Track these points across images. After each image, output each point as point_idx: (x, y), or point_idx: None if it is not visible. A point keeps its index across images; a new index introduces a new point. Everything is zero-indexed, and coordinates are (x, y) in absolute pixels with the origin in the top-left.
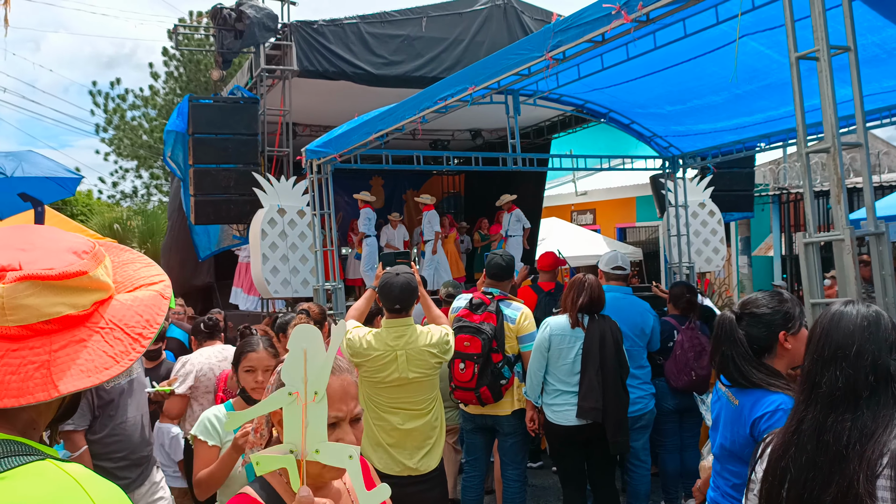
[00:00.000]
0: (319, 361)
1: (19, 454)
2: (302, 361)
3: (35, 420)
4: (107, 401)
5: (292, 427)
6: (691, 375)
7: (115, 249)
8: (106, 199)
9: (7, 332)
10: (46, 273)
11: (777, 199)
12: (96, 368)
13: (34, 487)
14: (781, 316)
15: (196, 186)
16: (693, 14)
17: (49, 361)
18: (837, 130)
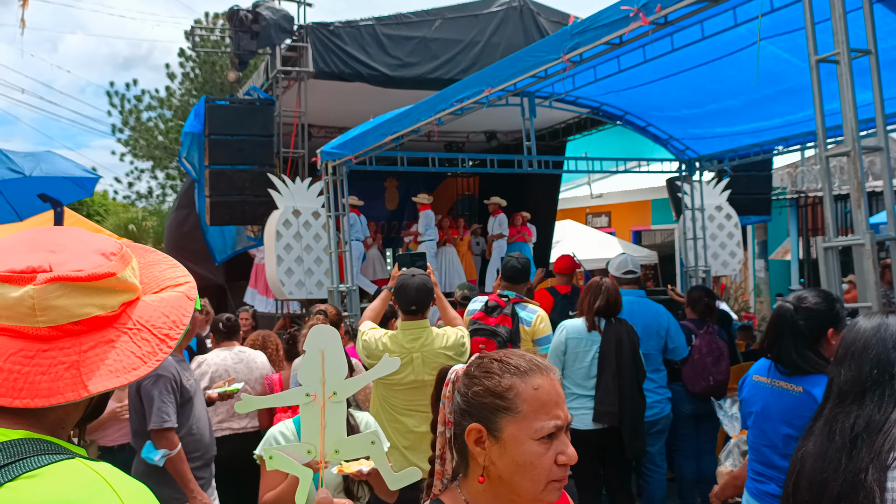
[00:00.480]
0: (337, 362)
1: (48, 453)
2: (319, 362)
3: (63, 419)
4: (187, 399)
5: (310, 428)
6: (709, 380)
7: (141, 250)
8: (121, 200)
9: (37, 332)
10: (76, 275)
11: (794, 203)
12: (125, 369)
13: (63, 485)
14: (833, 314)
15: (211, 187)
16: (711, 16)
17: (79, 362)
18: (858, 134)
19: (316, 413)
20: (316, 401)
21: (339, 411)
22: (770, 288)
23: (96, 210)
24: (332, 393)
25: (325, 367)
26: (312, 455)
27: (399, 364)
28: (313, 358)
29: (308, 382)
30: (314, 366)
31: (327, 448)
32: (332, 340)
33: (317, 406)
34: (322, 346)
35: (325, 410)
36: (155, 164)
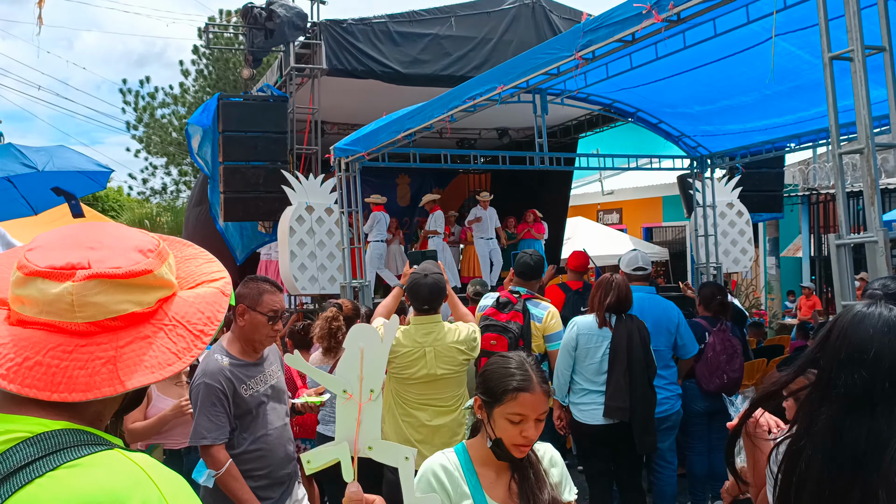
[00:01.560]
0: (376, 360)
1: (88, 444)
2: (358, 360)
3: (101, 412)
4: (245, 411)
5: (346, 424)
6: (723, 378)
7: (178, 244)
8: (136, 196)
9: (76, 328)
10: (114, 272)
11: (806, 200)
12: (160, 365)
13: (104, 475)
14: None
15: (225, 184)
16: (724, 13)
17: (115, 357)
18: (871, 131)
19: (353, 409)
20: (353, 399)
21: (375, 409)
22: (781, 285)
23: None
24: (370, 391)
25: (364, 365)
26: (346, 450)
27: (397, 323)
28: (353, 356)
29: (346, 380)
30: (353, 364)
31: (361, 444)
32: (372, 340)
33: (354, 403)
34: (362, 344)
35: (363, 408)
36: (169, 161)
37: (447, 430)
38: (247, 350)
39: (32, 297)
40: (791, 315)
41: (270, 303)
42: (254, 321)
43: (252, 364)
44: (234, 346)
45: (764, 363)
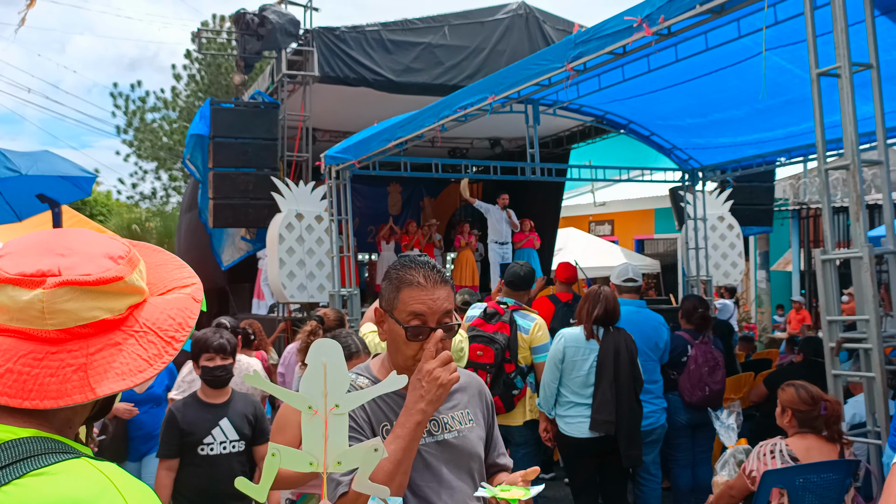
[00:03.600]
0: (339, 375)
1: (56, 451)
2: (322, 375)
3: (71, 419)
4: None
5: (313, 440)
6: (705, 390)
7: (148, 251)
8: (125, 200)
9: (47, 335)
10: (84, 279)
11: (797, 214)
12: (131, 371)
13: (70, 484)
14: None
15: (215, 190)
16: (715, 28)
17: (86, 364)
18: (857, 148)
19: (319, 426)
20: (318, 415)
21: (341, 423)
22: (771, 299)
23: (99, 210)
24: (335, 405)
25: (328, 380)
26: (315, 467)
27: (406, 381)
28: (315, 371)
29: (310, 396)
30: (316, 379)
31: (330, 460)
32: (334, 354)
33: (320, 419)
34: (324, 359)
35: (328, 423)
36: (159, 165)
37: None
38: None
39: (3, 305)
40: (781, 329)
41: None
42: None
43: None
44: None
45: (751, 377)
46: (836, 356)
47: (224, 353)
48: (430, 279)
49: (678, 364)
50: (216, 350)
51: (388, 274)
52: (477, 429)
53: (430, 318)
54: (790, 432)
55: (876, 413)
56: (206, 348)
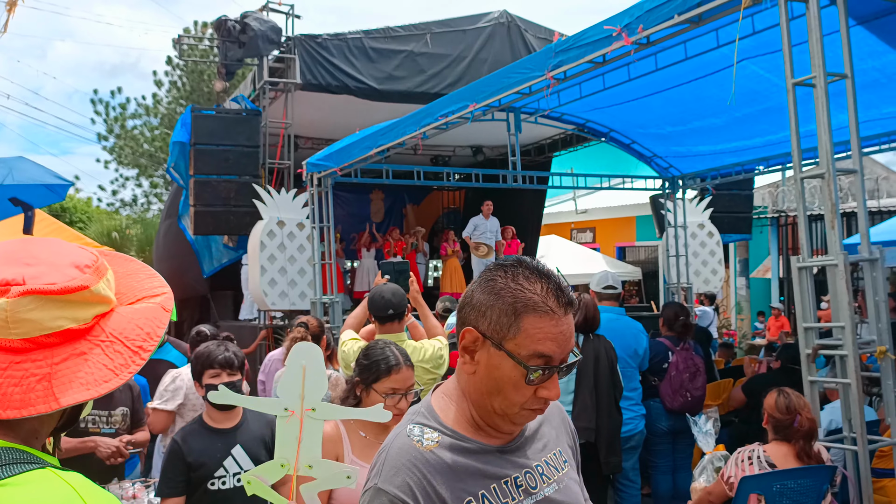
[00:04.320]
0: (318, 378)
1: (21, 462)
2: (300, 377)
3: (37, 429)
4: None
5: (286, 441)
6: (686, 397)
7: (119, 260)
8: (105, 207)
9: (10, 344)
10: (48, 288)
11: (775, 222)
12: (96, 381)
13: (34, 494)
14: None
15: (196, 197)
16: (694, 37)
17: (50, 374)
18: (832, 157)
19: (294, 427)
20: (294, 416)
21: (315, 427)
22: (751, 306)
23: (79, 217)
24: (311, 408)
25: (306, 383)
26: (286, 469)
27: (391, 418)
28: (294, 373)
29: (287, 397)
30: (295, 381)
31: (301, 462)
32: (314, 357)
33: (295, 420)
34: (304, 362)
35: (304, 426)
36: (140, 172)
37: None
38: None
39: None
40: (760, 335)
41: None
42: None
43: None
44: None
45: (730, 383)
46: (813, 363)
47: (231, 368)
48: (561, 302)
49: (659, 371)
50: (222, 365)
51: (494, 285)
52: (572, 471)
53: (558, 358)
54: (769, 438)
55: (852, 419)
56: (211, 364)
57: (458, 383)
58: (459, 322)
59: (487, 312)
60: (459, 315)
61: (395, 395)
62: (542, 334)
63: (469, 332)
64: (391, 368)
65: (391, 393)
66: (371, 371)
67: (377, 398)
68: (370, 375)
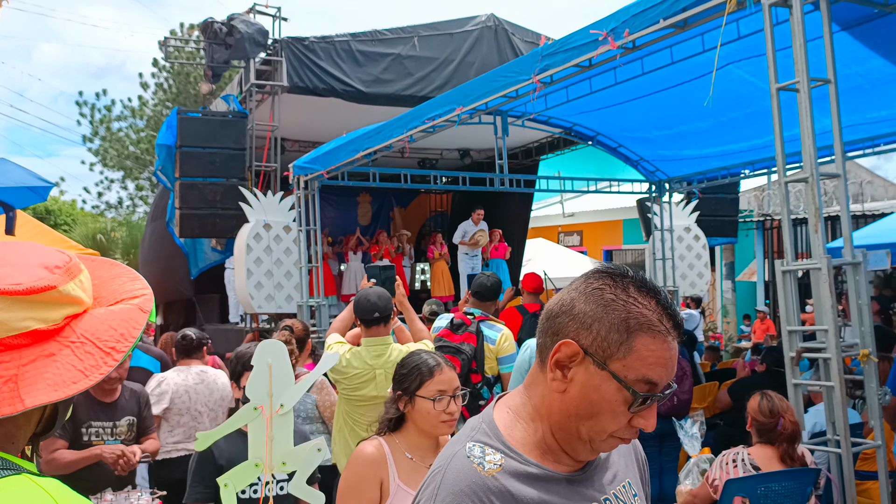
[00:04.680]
0: (284, 375)
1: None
2: (267, 375)
3: (14, 434)
4: None
5: (258, 441)
6: (673, 400)
7: (104, 265)
8: (90, 210)
9: None
10: (14, 288)
11: (761, 225)
12: (64, 382)
13: (8, 500)
14: None
15: (182, 200)
16: (680, 42)
17: (17, 376)
18: (816, 161)
19: (263, 425)
20: (263, 413)
21: (286, 423)
22: (737, 309)
23: (64, 220)
24: (279, 405)
25: (273, 380)
26: (259, 469)
27: (338, 358)
28: (261, 372)
29: (256, 396)
30: (262, 379)
31: (274, 460)
32: (279, 354)
33: (263, 418)
34: (270, 359)
35: (272, 422)
36: (125, 175)
37: None
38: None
39: None
40: (746, 338)
41: None
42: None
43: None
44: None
45: (716, 386)
46: (797, 366)
47: None
48: (675, 323)
49: None
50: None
51: (602, 296)
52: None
53: (663, 385)
54: (753, 441)
55: (835, 422)
56: (250, 366)
57: (530, 399)
58: (550, 331)
59: (593, 326)
60: (551, 324)
61: (443, 398)
62: (654, 358)
63: (567, 345)
64: (433, 370)
65: (439, 396)
66: (412, 378)
67: (424, 406)
68: (412, 383)
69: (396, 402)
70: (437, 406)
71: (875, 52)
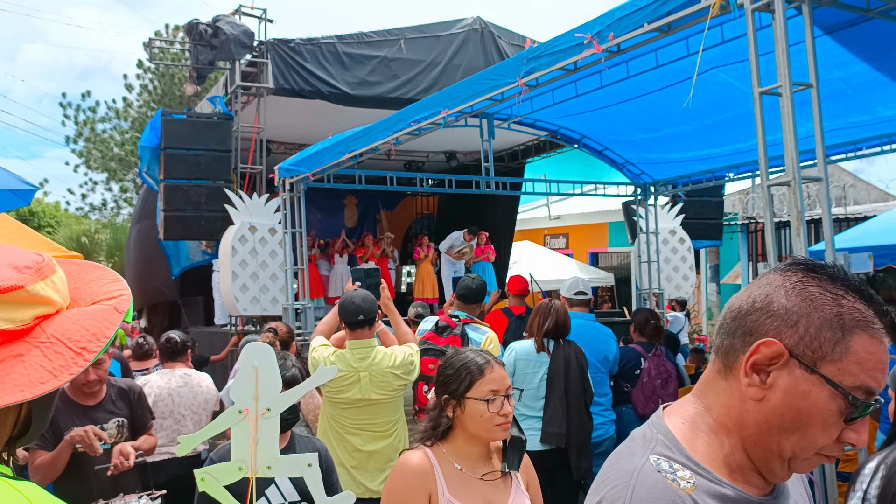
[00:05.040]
0: (271, 378)
1: None
2: (253, 378)
3: None
4: None
5: (242, 443)
6: (658, 403)
7: (87, 268)
8: (74, 212)
9: None
10: None
11: (745, 229)
12: (31, 383)
13: None
14: None
15: (166, 201)
16: (665, 45)
17: None
18: (798, 165)
19: (247, 428)
20: (248, 416)
21: (271, 427)
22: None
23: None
24: (266, 409)
25: (259, 383)
26: (243, 472)
27: (336, 373)
28: (247, 374)
29: (241, 398)
30: (248, 382)
31: (259, 464)
32: (266, 357)
33: (248, 421)
34: (256, 362)
35: (258, 426)
36: (110, 176)
37: (382, 456)
38: None
39: None
40: None
41: None
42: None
43: None
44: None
45: None
46: None
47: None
48: (888, 321)
49: (632, 377)
50: (286, 384)
51: (805, 289)
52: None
53: (879, 391)
54: None
55: None
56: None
57: (709, 409)
58: (740, 331)
59: (799, 323)
60: (739, 323)
61: (496, 399)
62: (874, 362)
63: (768, 345)
64: (482, 368)
65: (492, 396)
66: (460, 379)
67: (477, 407)
68: (461, 385)
69: (443, 408)
70: (491, 408)
71: (857, 56)
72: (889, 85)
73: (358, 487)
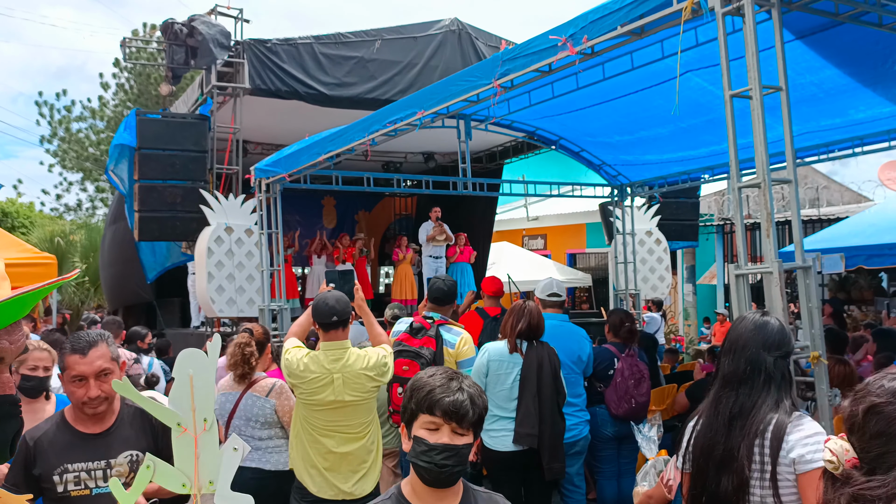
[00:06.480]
0: (206, 386)
1: None
2: (188, 388)
3: None
4: None
5: (185, 459)
6: (631, 403)
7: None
8: (49, 212)
9: None
10: None
11: (721, 230)
12: None
13: None
14: None
15: (141, 202)
16: (640, 48)
17: None
18: (768, 167)
19: (189, 444)
20: (187, 432)
21: (211, 440)
22: (697, 312)
23: (21, 222)
24: (204, 420)
25: (195, 393)
26: (187, 489)
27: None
28: (182, 384)
29: (180, 411)
30: (184, 392)
31: (202, 480)
32: (201, 364)
33: (189, 437)
34: (191, 370)
35: (199, 441)
36: (85, 176)
37: (354, 458)
38: None
39: None
40: (706, 341)
41: None
42: None
43: None
44: None
45: (675, 388)
46: None
47: None
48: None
49: (605, 377)
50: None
51: None
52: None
53: None
54: None
55: None
56: None
57: None
58: None
59: None
60: None
61: None
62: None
63: None
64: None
65: None
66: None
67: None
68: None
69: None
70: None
71: (829, 61)
72: (860, 89)
73: (331, 489)
